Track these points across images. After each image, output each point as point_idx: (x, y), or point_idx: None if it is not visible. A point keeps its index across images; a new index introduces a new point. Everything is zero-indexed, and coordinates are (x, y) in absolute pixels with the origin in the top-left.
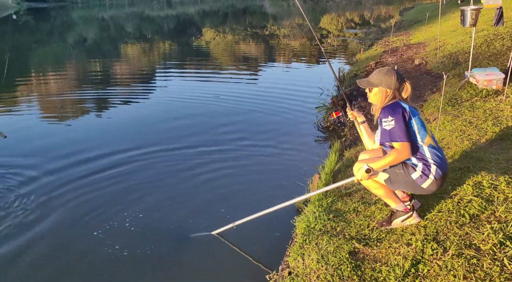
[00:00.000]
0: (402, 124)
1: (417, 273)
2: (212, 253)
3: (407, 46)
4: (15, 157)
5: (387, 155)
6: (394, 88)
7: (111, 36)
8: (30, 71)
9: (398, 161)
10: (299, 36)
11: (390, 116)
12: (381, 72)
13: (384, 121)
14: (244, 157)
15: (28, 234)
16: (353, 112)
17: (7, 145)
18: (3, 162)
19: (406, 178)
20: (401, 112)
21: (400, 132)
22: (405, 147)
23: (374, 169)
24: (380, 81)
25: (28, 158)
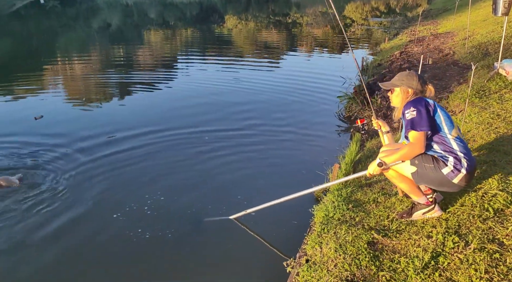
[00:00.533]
0: (424, 114)
1: (437, 265)
2: (230, 238)
3: (434, 36)
4: (41, 136)
5: (400, 149)
6: (415, 89)
7: (135, 22)
8: (57, 55)
9: (411, 155)
10: (323, 24)
11: (412, 107)
12: (403, 74)
13: (406, 112)
14: (264, 144)
15: (51, 215)
16: (378, 121)
17: (36, 125)
18: (31, 141)
19: (436, 172)
20: (424, 104)
21: (421, 121)
22: (420, 139)
23: (386, 163)
24: (402, 81)
25: (54, 139)
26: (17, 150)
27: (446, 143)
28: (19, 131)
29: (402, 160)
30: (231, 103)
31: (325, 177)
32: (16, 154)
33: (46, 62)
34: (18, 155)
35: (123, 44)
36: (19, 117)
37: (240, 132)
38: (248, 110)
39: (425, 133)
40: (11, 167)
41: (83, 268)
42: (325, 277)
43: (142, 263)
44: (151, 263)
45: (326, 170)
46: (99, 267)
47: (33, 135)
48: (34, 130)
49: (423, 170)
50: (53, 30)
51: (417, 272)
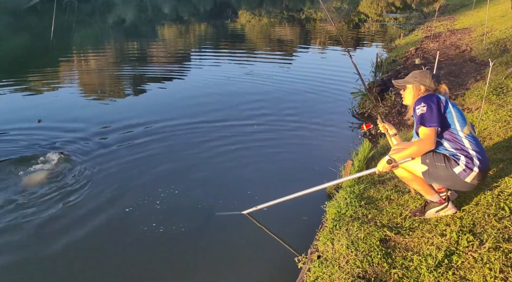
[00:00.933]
0: (435, 110)
1: (451, 264)
2: (241, 232)
3: (451, 32)
4: (58, 128)
5: (410, 145)
6: (428, 86)
7: (149, 17)
8: (72, 50)
9: (421, 152)
10: (337, 20)
11: (423, 102)
12: (416, 72)
13: (417, 108)
14: (277, 139)
15: (63, 207)
16: (384, 125)
17: (53, 118)
18: (47, 132)
19: (448, 171)
20: (435, 100)
21: (431, 117)
22: (430, 135)
23: (396, 160)
24: (415, 78)
25: (67, 132)
26: (33, 140)
27: (457, 140)
28: (35, 123)
29: (412, 157)
30: (243, 98)
31: (337, 173)
32: (33, 144)
33: (62, 56)
34: (35, 144)
35: (137, 39)
36: (34, 108)
37: (252, 129)
38: (261, 106)
39: (435, 129)
40: (29, 156)
41: (94, 261)
42: (337, 273)
43: (155, 257)
44: (164, 257)
45: (339, 166)
46: (110, 260)
47: (50, 127)
48: (51, 122)
49: (434, 169)
50: (69, 25)
51: (430, 270)
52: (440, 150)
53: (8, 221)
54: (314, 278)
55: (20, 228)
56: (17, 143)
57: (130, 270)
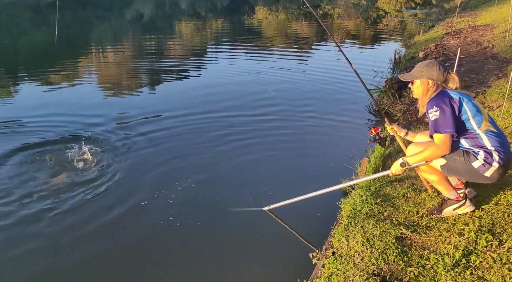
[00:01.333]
0: (449, 114)
1: (468, 263)
2: (256, 227)
3: (472, 28)
4: (77, 120)
5: (424, 149)
6: (436, 80)
7: (166, 13)
8: (91, 44)
9: (435, 156)
10: (354, 16)
11: (435, 106)
12: (422, 64)
13: (430, 112)
14: (293, 135)
15: (78, 200)
16: (393, 127)
17: (74, 107)
18: (66, 123)
19: (466, 166)
20: (447, 102)
21: (445, 123)
22: (445, 141)
23: (409, 163)
24: (421, 72)
25: (85, 125)
26: (54, 128)
27: (475, 138)
28: (58, 112)
29: (426, 161)
30: (259, 93)
31: (353, 170)
32: (52, 132)
33: (82, 50)
34: (54, 132)
35: (155, 34)
36: (56, 100)
37: (268, 124)
38: (277, 101)
39: (450, 135)
40: (47, 144)
41: (107, 253)
42: (351, 270)
43: (171, 251)
44: (180, 250)
45: (355, 163)
46: (124, 252)
47: (71, 116)
48: (73, 111)
49: (453, 163)
50: (88, 20)
51: (447, 270)
52: (458, 146)
53: (31, 209)
54: (328, 275)
55: (40, 216)
56: (41, 133)
57: (146, 263)
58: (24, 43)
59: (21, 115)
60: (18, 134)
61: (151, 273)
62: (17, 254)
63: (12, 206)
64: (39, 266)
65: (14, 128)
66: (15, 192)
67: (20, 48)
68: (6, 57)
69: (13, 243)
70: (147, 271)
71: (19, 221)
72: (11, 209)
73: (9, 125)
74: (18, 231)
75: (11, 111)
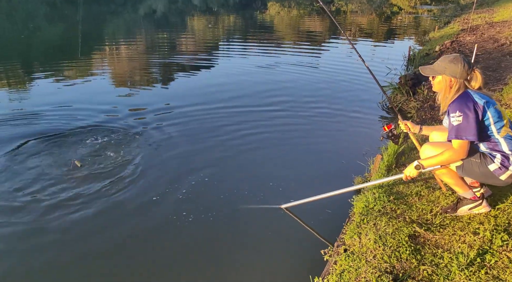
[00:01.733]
0: (472, 121)
1: (483, 263)
2: (268, 223)
3: (489, 24)
4: (92, 114)
5: (441, 153)
6: (459, 77)
7: (179, 8)
8: (105, 40)
9: (452, 161)
10: (368, 12)
11: (459, 111)
12: (446, 59)
13: (452, 116)
14: (305, 131)
15: (91, 194)
16: (406, 123)
17: (89, 101)
18: (82, 114)
19: (482, 168)
20: (471, 107)
21: (467, 129)
22: (463, 147)
23: (424, 166)
24: (444, 68)
25: (97, 119)
26: (70, 120)
27: (493, 142)
28: (73, 106)
29: (441, 165)
30: (271, 88)
31: (366, 168)
32: (68, 124)
33: (96, 45)
34: (70, 125)
35: (167, 30)
36: (71, 94)
37: (280, 119)
38: (289, 97)
39: (469, 142)
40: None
41: (122, 247)
42: (364, 267)
43: (183, 245)
44: (192, 245)
45: (368, 160)
46: (137, 247)
47: (85, 110)
48: (88, 105)
49: (469, 164)
50: (102, 16)
51: (461, 269)
52: (476, 148)
53: (41, 202)
54: (340, 271)
55: (50, 208)
56: (57, 126)
57: (157, 258)
58: (40, 38)
59: (37, 108)
60: (34, 125)
61: (162, 268)
62: (29, 244)
63: (28, 197)
64: (49, 257)
65: (30, 120)
66: (33, 182)
67: (36, 42)
68: (23, 51)
69: (29, 233)
70: (158, 266)
71: (32, 212)
72: (28, 200)
73: (27, 117)
74: (32, 221)
75: (27, 103)
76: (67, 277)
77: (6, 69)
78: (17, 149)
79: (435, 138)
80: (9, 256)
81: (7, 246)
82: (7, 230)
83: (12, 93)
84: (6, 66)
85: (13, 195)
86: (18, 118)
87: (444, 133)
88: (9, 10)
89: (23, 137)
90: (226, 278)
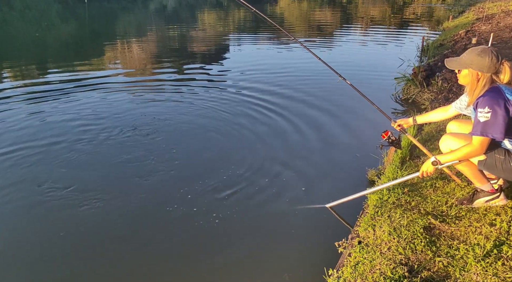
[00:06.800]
0: (501, 118)
1: (500, 254)
2: (278, 216)
3: (505, 13)
4: (107, 113)
5: (459, 149)
6: (487, 71)
7: (189, 3)
8: (116, 36)
9: (470, 157)
10: (380, 2)
11: (488, 107)
12: (474, 52)
13: (479, 111)
14: (317, 124)
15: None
16: (397, 123)
17: (99, 102)
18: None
19: (505, 165)
20: (502, 105)
21: (494, 127)
22: (484, 144)
23: (441, 162)
24: (471, 61)
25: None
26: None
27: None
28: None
29: (459, 160)
30: (283, 82)
31: (379, 160)
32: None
33: (107, 43)
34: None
35: (178, 25)
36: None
37: (291, 111)
38: (303, 90)
39: (491, 139)
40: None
41: (146, 245)
42: (378, 259)
43: (205, 245)
44: (214, 243)
45: (381, 153)
46: (165, 245)
47: (102, 112)
48: (97, 106)
49: (492, 160)
50: (113, 12)
51: (478, 260)
52: (501, 145)
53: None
54: (354, 263)
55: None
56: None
57: (185, 254)
58: (53, 36)
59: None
60: (49, 123)
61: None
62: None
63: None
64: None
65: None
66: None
67: (50, 41)
68: (38, 50)
69: (43, 220)
70: (187, 266)
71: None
72: (51, 190)
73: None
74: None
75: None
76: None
77: (22, 69)
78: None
79: (452, 128)
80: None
81: None
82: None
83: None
84: (21, 66)
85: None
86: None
87: (461, 124)
88: (23, 8)
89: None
90: (243, 268)
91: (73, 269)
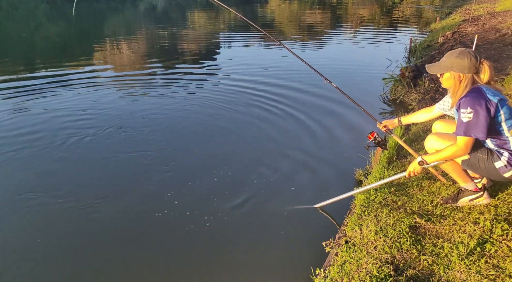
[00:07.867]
0: (483, 118)
1: (483, 252)
2: (267, 215)
3: (491, 15)
4: (101, 112)
5: (444, 149)
6: (468, 72)
7: (179, 3)
8: (104, 36)
9: (456, 157)
10: (369, 3)
11: (470, 107)
12: (453, 55)
13: (462, 111)
14: (305, 124)
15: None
16: (383, 124)
17: (95, 100)
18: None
19: (488, 164)
20: (483, 105)
21: (477, 127)
22: (468, 144)
23: (427, 162)
24: (451, 64)
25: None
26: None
27: (502, 140)
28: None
29: (445, 160)
30: (271, 81)
31: (367, 160)
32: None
33: (96, 42)
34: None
35: (168, 25)
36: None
37: (280, 111)
38: (290, 91)
39: (474, 139)
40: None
41: (148, 246)
42: (365, 258)
43: (201, 244)
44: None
45: (369, 153)
46: (164, 247)
47: (91, 109)
48: (93, 105)
49: (475, 159)
50: (101, 12)
51: (461, 258)
52: (483, 144)
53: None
54: (341, 263)
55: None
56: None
57: (176, 256)
58: (41, 36)
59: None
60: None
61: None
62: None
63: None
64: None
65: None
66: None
67: (37, 40)
68: (25, 50)
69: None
70: (185, 265)
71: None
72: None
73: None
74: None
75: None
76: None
77: (7, 68)
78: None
79: (437, 128)
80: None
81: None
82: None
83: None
84: (7, 65)
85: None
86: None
87: (446, 124)
88: (10, 9)
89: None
90: (231, 268)
91: (64, 273)
